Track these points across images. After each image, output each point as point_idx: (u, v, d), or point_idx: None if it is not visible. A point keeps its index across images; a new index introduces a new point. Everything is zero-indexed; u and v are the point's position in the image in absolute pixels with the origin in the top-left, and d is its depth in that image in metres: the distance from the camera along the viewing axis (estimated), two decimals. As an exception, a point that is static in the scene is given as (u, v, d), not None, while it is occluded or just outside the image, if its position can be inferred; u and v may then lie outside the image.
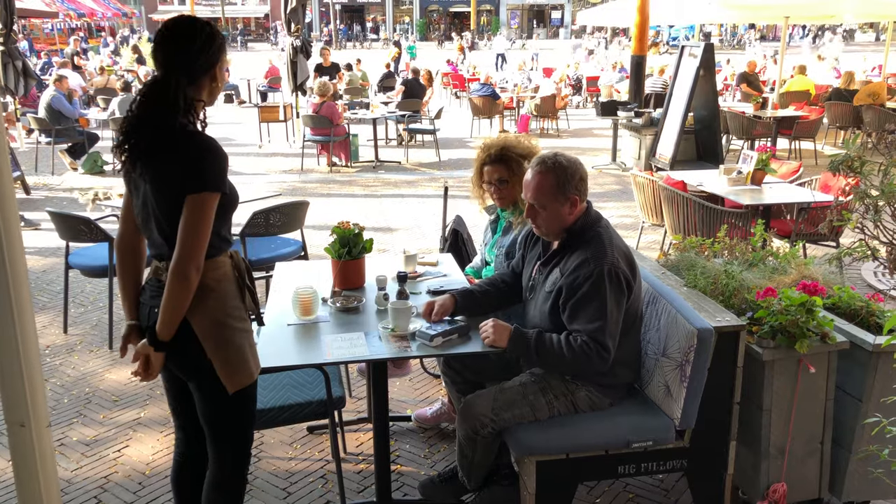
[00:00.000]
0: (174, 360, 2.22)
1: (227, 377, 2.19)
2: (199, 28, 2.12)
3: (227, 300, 2.20)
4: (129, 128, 2.13)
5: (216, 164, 2.08)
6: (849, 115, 11.65)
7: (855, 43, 45.09)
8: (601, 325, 2.51)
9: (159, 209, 2.12)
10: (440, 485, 3.07)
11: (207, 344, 2.16)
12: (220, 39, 2.16)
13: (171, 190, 2.07)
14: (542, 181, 2.62)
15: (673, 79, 9.08)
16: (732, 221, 5.09)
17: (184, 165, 2.05)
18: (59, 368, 4.43)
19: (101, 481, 3.32)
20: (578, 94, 18.60)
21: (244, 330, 2.24)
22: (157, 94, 2.08)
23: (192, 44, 2.10)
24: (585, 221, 2.66)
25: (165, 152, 2.07)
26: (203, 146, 2.08)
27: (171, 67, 2.09)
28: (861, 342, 2.75)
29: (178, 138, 2.08)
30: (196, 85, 2.13)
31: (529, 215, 2.69)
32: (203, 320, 2.15)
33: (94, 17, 31.89)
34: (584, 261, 2.55)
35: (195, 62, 2.10)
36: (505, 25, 54.71)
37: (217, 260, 2.19)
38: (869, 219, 3.22)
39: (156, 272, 2.21)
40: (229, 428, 2.33)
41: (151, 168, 2.10)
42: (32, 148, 10.95)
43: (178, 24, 2.13)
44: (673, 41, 38.94)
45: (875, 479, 2.71)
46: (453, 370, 3.16)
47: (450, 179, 9.63)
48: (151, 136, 2.08)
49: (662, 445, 2.74)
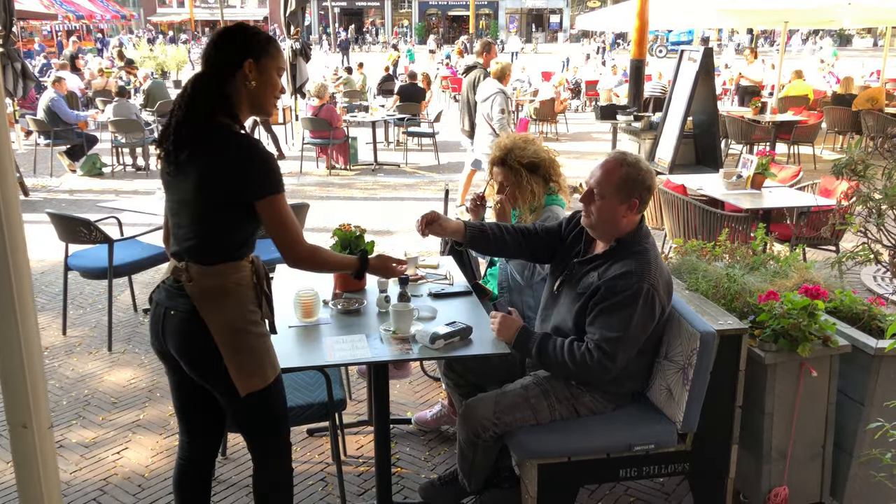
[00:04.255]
0: (190, 361, 2.22)
1: (239, 380, 2.19)
2: (239, 29, 2.20)
3: (244, 304, 2.21)
4: (172, 123, 2.16)
5: (275, 167, 2.15)
6: (847, 119, 11.67)
7: (853, 48, 45.21)
8: (618, 337, 2.46)
9: (200, 208, 2.14)
10: (441, 488, 3.06)
11: (223, 347, 2.16)
12: (258, 42, 2.17)
13: (219, 192, 2.11)
14: (613, 170, 2.55)
15: (672, 83, 9.09)
16: (733, 225, 5.09)
17: (244, 171, 2.09)
18: (58, 370, 4.42)
19: (101, 483, 3.30)
20: (577, 97, 18.62)
21: (260, 334, 2.25)
22: (194, 85, 2.14)
23: (230, 43, 2.16)
24: (636, 235, 2.60)
25: (213, 153, 2.10)
26: (260, 152, 2.11)
27: (207, 63, 2.16)
28: (863, 346, 2.75)
29: (230, 142, 2.10)
30: (228, 83, 2.14)
31: (584, 199, 2.61)
32: (220, 323, 2.16)
33: (93, 18, 31.83)
34: (628, 272, 2.49)
35: (227, 58, 2.15)
36: (503, 29, 54.77)
37: (238, 264, 2.21)
38: (872, 222, 3.22)
39: (174, 272, 2.20)
40: (258, 427, 2.34)
41: (195, 167, 2.11)
42: (31, 150, 10.93)
43: (227, 28, 2.21)
44: (672, 46, 38.98)
45: (877, 484, 2.70)
46: (455, 373, 3.15)
47: (449, 182, 9.63)
48: (195, 132, 2.11)
49: (664, 449, 2.74)
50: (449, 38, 50.37)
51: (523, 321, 2.71)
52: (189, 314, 2.16)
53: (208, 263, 2.17)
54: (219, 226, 2.16)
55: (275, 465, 2.40)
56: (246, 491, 3.23)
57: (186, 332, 2.18)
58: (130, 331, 4.99)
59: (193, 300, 2.15)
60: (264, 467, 2.40)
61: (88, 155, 10.38)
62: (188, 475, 2.47)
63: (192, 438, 2.46)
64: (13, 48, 8.88)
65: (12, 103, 10.19)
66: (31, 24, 31.14)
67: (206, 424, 2.45)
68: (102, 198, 8.56)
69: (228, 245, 2.19)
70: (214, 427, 2.47)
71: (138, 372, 4.36)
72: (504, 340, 2.64)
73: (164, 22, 52.78)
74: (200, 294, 2.16)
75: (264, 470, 2.40)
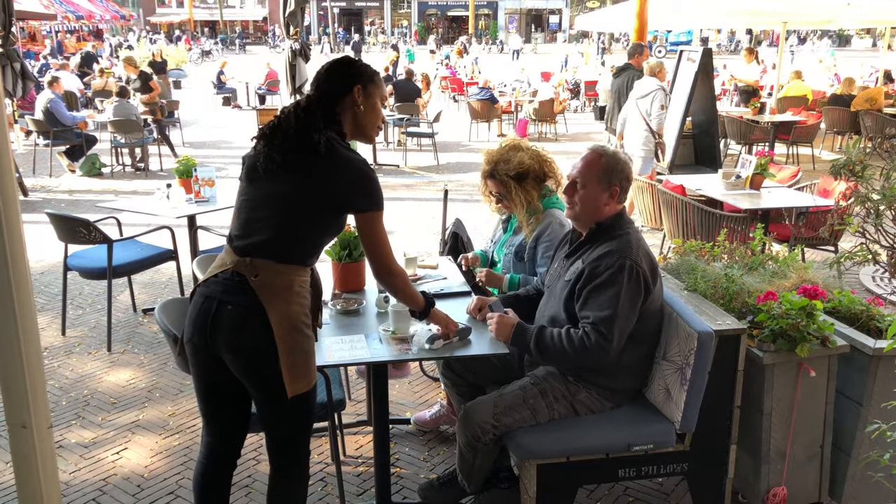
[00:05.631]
0: (244, 358, 2.21)
1: (290, 381, 2.21)
2: (348, 60, 2.38)
3: (304, 306, 2.26)
4: (276, 124, 2.26)
5: (379, 185, 2.27)
6: (846, 120, 11.68)
7: (852, 48, 45.24)
8: (610, 315, 2.51)
9: (296, 209, 2.20)
10: (440, 488, 3.06)
11: (282, 345, 2.17)
12: (366, 71, 2.35)
13: (324, 199, 2.20)
14: (593, 160, 2.68)
15: (671, 83, 9.09)
16: (731, 225, 5.10)
17: (354, 185, 2.22)
18: (58, 370, 4.42)
19: (100, 484, 3.31)
20: (576, 98, 18.63)
21: (312, 338, 2.29)
22: (308, 101, 2.30)
23: (341, 69, 2.34)
24: (617, 221, 2.70)
25: (326, 161, 2.19)
26: (369, 170, 2.25)
27: (316, 88, 2.32)
28: (861, 346, 2.75)
29: (343, 155, 2.21)
30: (339, 103, 2.30)
31: (568, 191, 2.72)
32: (284, 322, 2.18)
33: (93, 19, 31.83)
34: (609, 252, 2.58)
35: (339, 84, 2.31)
36: (503, 30, 54.80)
37: (305, 269, 2.28)
38: (870, 223, 3.23)
39: (237, 266, 2.21)
40: (292, 430, 2.35)
41: (303, 169, 2.19)
42: (30, 150, 10.93)
43: (337, 59, 2.40)
44: (671, 47, 39.01)
45: (875, 484, 2.71)
46: (454, 373, 3.16)
47: (448, 183, 9.63)
48: (308, 137, 2.19)
49: (663, 449, 2.74)
50: (448, 38, 50.36)
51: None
52: (251, 309, 2.17)
53: (281, 261, 2.20)
54: (304, 229, 2.23)
55: (296, 474, 2.40)
56: (246, 491, 3.23)
57: (246, 327, 2.18)
58: (130, 331, 4.99)
59: (258, 294, 2.17)
60: (285, 476, 2.40)
61: (88, 155, 10.38)
62: (211, 476, 2.47)
63: (218, 440, 2.45)
64: (12, 48, 8.87)
65: (12, 104, 10.18)
66: (31, 25, 31.10)
67: (234, 426, 2.46)
68: (102, 198, 8.57)
69: (303, 249, 2.26)
70: (241, 429, 2.48)
71: (138, 372, 4.36)
72: (502, 340, 2.65)
73: (163, 22, 52.78)
74: (266, 289, 2.17)
75: (284, 479, 2.40)
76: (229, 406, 2.40)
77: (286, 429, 2.34)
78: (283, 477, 2.40)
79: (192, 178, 5.16)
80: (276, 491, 2.43)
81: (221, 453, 2.47)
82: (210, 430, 2.46)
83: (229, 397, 2.36)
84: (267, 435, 2.38)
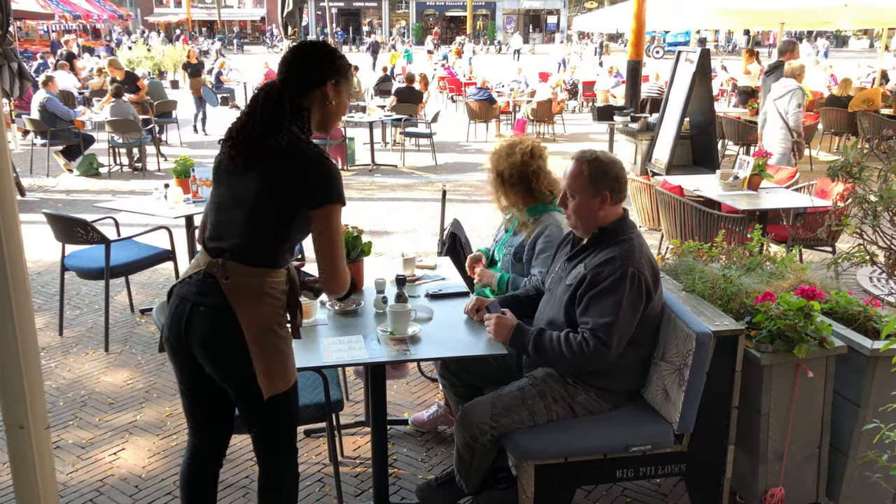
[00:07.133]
0: (216, 360, 2.21)
1: (265, 382, 2.20)
2: (325, 49, 2.28)
3: (276, 307, 2.23)
4: (243, 122, 2.20)
5: (339, 178, 2.19)
6: (843, 121, 11.69)
7: (849, 49, 45.30)
8: (611, 322, 2.51)
9: (259, 211, 2.15)
10: (437, 488, 3.06)
11: (253, 347, 2.16)
12: (341, 65, 2.26)
13: (283, 197, 2.14)
14: (575, 172, 2.69)
15: (669, 84, 9.10)
16: (729, 226, 5.10)
17: (309, 179, 2.14)
18: (55, 371, 4.41)
19: (97, 484, 3.30)
20: (574, 98, 18.63)
21: (286, 337, 2.27)
22: (269, 93, 2.20)
23: (317, 59, 2.24)
24: (620, 226, 2.69)
25: (282, 159, 2.13)
26: (325, 162, 2.17)
27: (285, 76, 2.22)
28: (859, 347, 2.75)
29: (302, 151, 2.15)
30: (308, 96, 2.21)
31: (562, 205, 2.75)
32: (253, 321, 2.16)
33: (90, 18, 31.79)
34: (612, 258, 2.58)
35: (313, 76, 2.21)
36: (501, 30, 54.80)
37: (277, 270, 2.24)
38: (867, 224, 3.23)
39: (209, 267, 2.19)
40: (274, 430, 2.33)
41: (262, 170, 2.14)
42: (27, 150, 10.91)
43: (314, 43, 2.31)
44: (669, 47, 39.04)
45: (873, 484, 2.71)
46: (451, 373, 3.15)
47: (446, 183, 9.63)
48: (268, 137, 2.14)
49: (661, 450, 2.74)
50: (446, 38, 50.33)
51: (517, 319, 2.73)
52: (221, 311, 2.16)
53: (250, 264, 2.18)
54: (269, 231, 2.19)
55: (282, 469, 2.39)
56: (244, 491, 3.23)
57: (216, 329, 2.17)
58: (127, 331, 4.98)
59: (228, 297, 2.15)
60: (272, 476, 2.39)
61: (85, 155, 10.36)
62: (196, 476, 2.47)
63: (201, 440, 2.45)
64: (10, 48, 8.86)
65: (9, 103, 10.16)
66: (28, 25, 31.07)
67: (217, 425, 2.45)
68: (99, 198, 8.56)
69: (271, 251, 2.22)
70: (224, 428, 2.47)
71: (135, 373, 4.36)
72: (500, 341, 2.65)
73: (161, 22, 52.71)
74: (236, 291, 2.16)
75: (272, 479, 2.39)
76: (210, 406, 2.39)
77: (268, 429, 2.33)
78: (270, 477, 2.39)
79: (189, 178, 5.16)
80: (266, 491, 2.42)
81: (205, 453, 2.46)
82: (194, 431, 2.46)
83: (210, 397, 2.35)
84: (252, 435, 2.37)
